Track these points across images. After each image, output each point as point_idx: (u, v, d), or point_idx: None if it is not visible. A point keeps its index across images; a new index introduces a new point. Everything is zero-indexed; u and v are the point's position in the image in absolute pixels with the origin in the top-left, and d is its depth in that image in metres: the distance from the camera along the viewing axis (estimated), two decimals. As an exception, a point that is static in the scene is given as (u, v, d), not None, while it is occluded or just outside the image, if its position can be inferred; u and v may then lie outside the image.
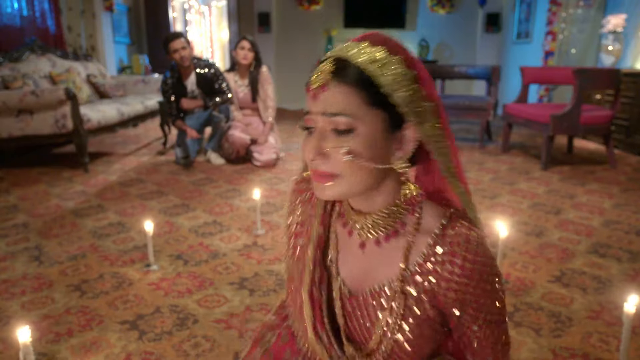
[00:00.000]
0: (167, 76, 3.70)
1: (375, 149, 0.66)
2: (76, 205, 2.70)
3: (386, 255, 0.73)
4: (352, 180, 0.67)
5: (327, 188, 0.68)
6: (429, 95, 0.68)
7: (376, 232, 0.73)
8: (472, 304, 0.70)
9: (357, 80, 0.65)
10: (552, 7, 5.22)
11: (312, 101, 0.68)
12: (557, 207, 2.65)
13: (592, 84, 3.37)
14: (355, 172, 0.66)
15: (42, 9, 4.51)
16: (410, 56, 0.68)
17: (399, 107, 0.65)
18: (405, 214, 0.73)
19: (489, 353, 0.73)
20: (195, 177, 3.30)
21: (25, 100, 3.22)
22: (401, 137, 0.69)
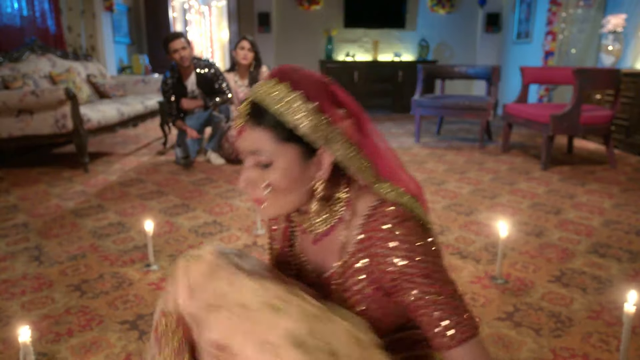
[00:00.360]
0: (167, 76, 3.70)
1: (293, 177, 0.78)
2: (76, 205, 2.70)
3: (331, 246, 0.85)
4: (278, 204, 0.80)
5: (262, 210, 0.82)
6: (333, 121, 0.77)
7: (319, 228, 0.85)
8: (405, 278, 0.76)
9: (267, 120, 0.76)
10: (552, 7, 5.22)
11: (239, 139, 0.80)
12: (557, 207, 2.65)
13: (592, 84, 3.37)
14: (278, 198, 0.79)
15: (42, 9, 4.51)
16: (313, 88, 0.77)
17: (306, 138, 0.75)
18: (341, 210, 0.84)
19: (436, 327, 0.75)
20: (195, 177, 3.30)
21: (25, 100, 3.22)
22: (318, 161, 0.79)
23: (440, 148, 4.40)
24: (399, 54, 7.03)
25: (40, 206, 2.69)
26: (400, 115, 6.76)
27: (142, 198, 2.83)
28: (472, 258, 1.98)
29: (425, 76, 4.68)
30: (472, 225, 2.37)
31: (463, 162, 3.79)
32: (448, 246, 2.10)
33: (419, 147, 4.45)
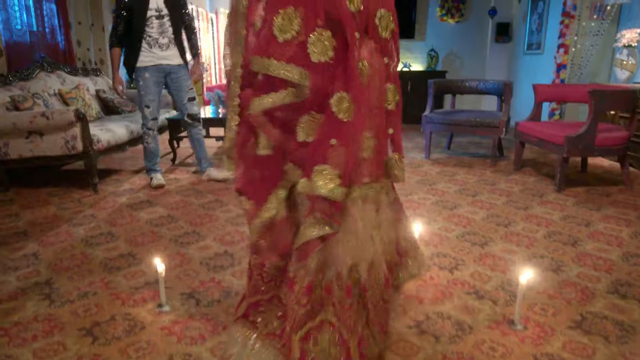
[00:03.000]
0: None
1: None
2: (86, 233, 2.68)
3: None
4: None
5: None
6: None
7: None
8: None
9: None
10: (565, 19, 5.15)
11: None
12: (573, 237, 2.60)
13: (608, 104, 3.31)
14: None
15: (51, 25, 4.51)
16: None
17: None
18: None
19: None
20: (204, 200, 3.28)
21: (36, 122, 3.21)
22: None
23: (451, 165, 4.35)
24: (407, 65, 6.98)
25: (50, 233, 2.67)
26: (409, 127, 6.71)
27: (152, 224, 2.81)
28: (488, 298, 1.94)
29: (435, 91, 4.63)
30: (487, 258, 2.33)
31: (475, 182, 3.74)
32: (464, 283, 2.06)
33: (429, 164, 4.40)
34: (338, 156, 1.19)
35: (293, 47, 1.17)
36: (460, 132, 4.43)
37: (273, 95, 1.20)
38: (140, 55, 3.32)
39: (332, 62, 1.19)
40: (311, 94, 1.19)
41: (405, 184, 3.71)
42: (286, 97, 1.20)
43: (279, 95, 1.20)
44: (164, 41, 3.37)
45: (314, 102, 1.19)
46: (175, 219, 2.90)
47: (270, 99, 1.21)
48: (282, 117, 1.23)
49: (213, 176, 3.72)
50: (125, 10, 3.23)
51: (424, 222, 2.83)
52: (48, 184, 3.71)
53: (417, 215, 2.94)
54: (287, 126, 1.23)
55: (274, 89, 1.21)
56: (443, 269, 2.20)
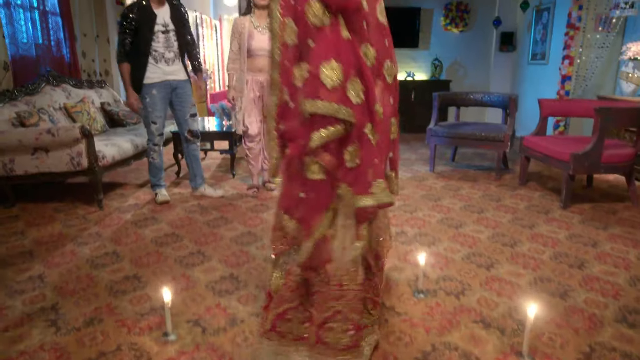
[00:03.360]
0: (130, 7, 3.21)
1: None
2: (91, 252, 2.68)
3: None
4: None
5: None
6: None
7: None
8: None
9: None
10: (570, 31, 5.14)
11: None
12: (580, 259, 2.59)
13: (614, 122, 3.29)
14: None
15: (57, 38, 4.52)
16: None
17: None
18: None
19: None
20: (209, 217, 3.28)
21: (42, 138, 3.23)
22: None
23: (456, 178, 4.34)
24: (411, 75, 6.98)
25: (56, 253, 2.67)
26: (413, 136, 6.70)
27: (157, 243, 2.80)
28: (496, 327, 1.93)
29: (440, 104, 4.62)
30: (493, 282, 2.32)
31: (480, 198, 3.73)
32: (470, 311, 2.05)
33: (434, 177, 4.39)
34: (379, 171, 1.59)
35: (339, 92, 1.46)
36: (464, 146, 4.42)
37: (330, 129, 1.47)
38: (147, 71, 3.33)
39: (363, 103, 1.51)
40: (354, 128, 1.50)
41: (410, 199, 3.70)
42: (339, 131, 1.49)
43: (334, 129, 1.48)
44: (170, 56, 3.37)
45: (355, 134, 1.51)
46: (180, 238, 2.89)
47: (328, 133, 1.48)
48: (334, 147, 1.51)
49: (207, 194, 3.73)
50: (132, 25, 3.22)
51: (429, 242, 2.82)
52: (53, 198, 3.72)
53: (422, 235, 2.93)
54: (337, 153, 1.52)
55: (330, 124, 1.48)
56: (449, 295, 2.19)
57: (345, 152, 1.51)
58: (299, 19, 1.50)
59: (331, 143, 1.50)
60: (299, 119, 1.52)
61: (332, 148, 1.51)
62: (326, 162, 1.52)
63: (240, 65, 3.54)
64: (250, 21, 3.50)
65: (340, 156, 1.52)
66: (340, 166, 1.53)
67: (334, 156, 1.52)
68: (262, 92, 3.59)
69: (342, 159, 1.52)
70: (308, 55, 1.50)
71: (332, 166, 1.52)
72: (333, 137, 1.49)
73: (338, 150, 1.52)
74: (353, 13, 1.52)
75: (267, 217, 3.28)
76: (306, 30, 1.49)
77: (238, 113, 3.60)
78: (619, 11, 4.57)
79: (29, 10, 4.18)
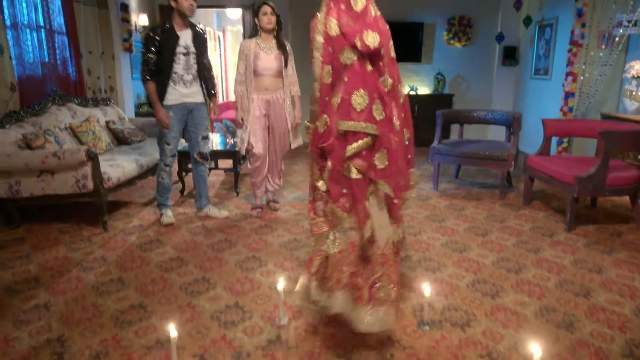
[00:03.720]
0: (154, 28, 3.30)
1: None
2: (96, 278, 2.69)
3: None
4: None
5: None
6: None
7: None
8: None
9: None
10: (573, 47, 5.15)
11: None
12: (585, 287, 2.58)
13: (618, 145, 3.29)
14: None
15: (63, 57, 4.56)
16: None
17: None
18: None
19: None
20: (213, 239, 3.29)
21: (48, 161, 3.25)
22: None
23: (460, 197, 4.34)
24: (414, 89, 7.00)
25: (62, 279, 2.68)
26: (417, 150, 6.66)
27: (162, 269, 2.81)
28: (502, 362, 1.92)
29: (443, 122, 4.63)
30: (499, 312, 2.31)
31: (484, 219, 3.73)
32: (476, 344, 2.05)
33: (438, 196, 4.39)
34: (404, 169, 2.16)
35: (365, 113, 1.94)
36: (468, 164, 4.42)
37: (359, 143, 1.95)
38: (167, 92, 3.36)
39: (385, 119, 1.97)
40: (379, 138, 1.95)
41: (414, 219, 3.70)
42: (367, 143, 1.95)
43: (362, 142, 1.95)
44: (189, 78, 3.42)
45: (381, 143, 1.96)
46: (185, 262, 2.90)
47: (357, 145, 1.95)
48: (364, 155, 1.97)
49: (212, 214, 3.74)
50: (156, 45, 3.25)
51: (434, 267, 2.82)
52: (58, 218, 3.73)
53: (427, 259, 2.93)
54: (367, 159, 1.97)
55: (359, 139, 1.95)
56: (455, 326, 2.19)
57: (375, 158, 1.97)
58: (335, 62, 2.00)
59: (363, 151, 1.97)
60: (335, 137, 2.00)
61: (363, 155, 1.98)
62: (359, 165, 1.99)
63: (246, 85, 3.57)
64: (257, 43, 3.56)
65: (370, 160, 1.98)
66: (373, 168, 1.97)
67: (365, 161, 1.98)
68: (267, 110, 3.62)
69: (372, 162, 1.98)
70: (342, 86, 1.98)
71: (364, 168, 1.99)
72: (363, 147, 1.96)
73: (368, 156, 1.99)
74: (375, 55, 1.98)
75: (272, 239, 3.28)
76: (340, 69, 1.99)
77: (244, 132, 3.62)
78: (622, 29, 4.58)
79: (36, 30, 4.22)
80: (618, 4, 4.73)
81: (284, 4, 6.63)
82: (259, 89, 3.58)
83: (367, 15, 2.02)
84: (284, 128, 3.71)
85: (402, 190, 2.16)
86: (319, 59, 2.04)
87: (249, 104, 3.56)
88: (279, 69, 3.61)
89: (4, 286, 2.61)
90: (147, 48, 3.26)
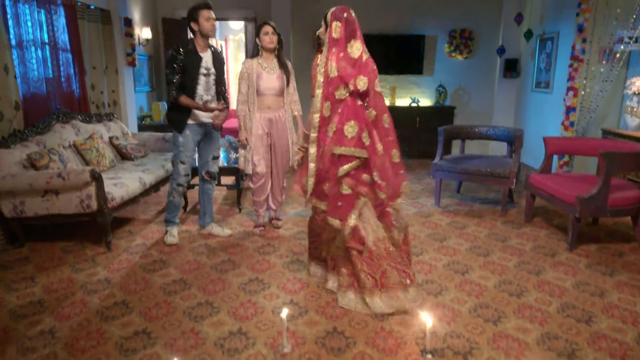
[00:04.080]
0: (179, 49, 3.29)
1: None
2: (101, 302, 2.70)
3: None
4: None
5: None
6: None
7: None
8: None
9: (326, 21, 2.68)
10: (574, 63, 5.17)
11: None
12: (587, 312, 2.59)
13: (620, 166, 3.31)
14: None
15: (67, 74, 4.59)
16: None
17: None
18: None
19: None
20: (216, 260, 3.30)
21: (52, 182, 3.27)
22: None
23: (461, 214, 4.35)
24: (416, 101, 7.02)
25: (66, 303, 2.70)
26: (418, 162, 6.73)
27: (166, 292, 2.83)
28: (504, 394, 1.93)
29: (445, 138, 4.65)
30: (501, 340, 2.32)
31: (485, 237, 3.75)
32: (479, 374, 2.06)
33: (439, 213, 4.40)
34: (397, 184, 2.65)
35: (355, 140, 2.49)
36: (469, 181, 4.44)
37: (351, 164, 2.52)
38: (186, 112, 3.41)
39: (371, 144, 2.49)
40: (368, 160, 2.51)
41: (417, 238, 3.72)
42: (357, 164, 2.53)
43: (353, 164, 2.52)
44: (208, 98, 3.47)
45: (368, 165, 2.52)
46: (188, 285, 2.92)
47: (349, 166, 2.52)
48: (353, 174, 2.54)
49: (215, 232, 3.76)
50: (180, 66, 3.28)
51: (435, 290, 2.83)
52: (62, 237, 3.75)
53: (429, 282, 2.94)
54: (355, 178, 2.54)
55: (350, 161, 2.52)
56: (457, 354, 2.20)
57: (374, 175, 2.53)
58: (330, 97, 2.53)
59: (351, 172, 2.52)
60: (330, 159, 2.53)
61: (352, 174, 2.53)
62: (349, 183, 2.53)
63: (249, 105, 3.60)
64: (259, 63, 3.58)
65: (359, 178, 2.54)
66: (363, 183, 2.55)
67: (354, 179, 2.53)
68: (270, 129, 3.64)
69: (362, 179, 2.55)
70: (336, 117, 2.52)
71: (352, 186, 2.53)
72: (352, 168, 2.52)
73: (357, 175, 2.53)
74: (363, 94, 2.50)
75: (274, 260, 3.30)
76: (335, 103, 2.53)
77: (248, 152, 3.64)
78: (622, 46, 4.60)
79: (41, 47, 4.26)
80: (619, 21, 4.76)
81: (285, 21, 6.68)
82: (262, 108, 3.61)
83: (361, 60, 2.50)
84: (286, 146, 3.73)
85: (392, 199, 2.63)
86: (319, 95, 2.53)
87: (251, 123, 3.59)
88: (281, 88, 3.64)
89: (9, 310, 2.63)
90: (171, 69, 3.29)
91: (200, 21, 3.31)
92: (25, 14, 4.03)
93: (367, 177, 2.54)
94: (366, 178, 2.54)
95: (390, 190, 2.58)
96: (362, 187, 2.53)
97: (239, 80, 3.60)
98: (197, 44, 3.38)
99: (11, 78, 3.74)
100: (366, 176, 2.55)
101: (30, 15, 4.09)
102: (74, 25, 4.64)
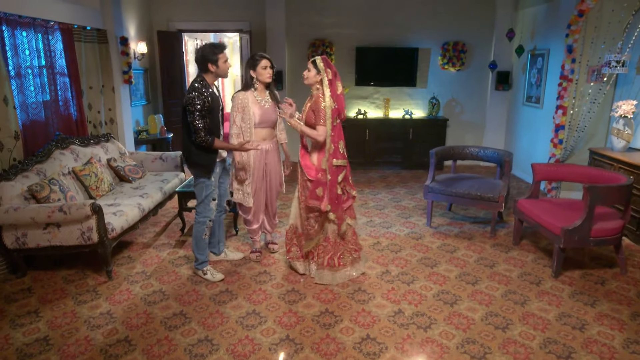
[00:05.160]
0: (203, 93, 3.23)
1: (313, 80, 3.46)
2: (104, 339, 2.81)
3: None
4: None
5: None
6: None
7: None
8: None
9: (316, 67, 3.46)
10: (563, 82, 5.28)
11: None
12: (568, 347, 2.73)
13: (603, 199, 3.44)
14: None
15: (65, 97, 4.65)
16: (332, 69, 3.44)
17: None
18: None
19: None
20: (214, 290, 3.42)
21: (54, 216, 3.36)
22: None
23: (452, 236, 4.48)
24: (409, 113, 7.12)
25: (71, 340, 2.80)
26: (411, 174, 6.85)
27: (167, 327, 2.94)
28: None
29: (437, 160, 4.77)
30: (486, 380, 2.46)
31: (475, 262, 3.88)
32: (463, 418, 2.19)
33: (430, 234, 4.53)
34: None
35: (344, 154, 3.44)
36: (460, 204, 4.57)
37: (343, 173, 3.45)
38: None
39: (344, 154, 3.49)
40: (347, 166, 3.52)
41: (408, 264, 3.85)
42: (344, 171, 3.46)
43: (344, 171, 3.46)
44: (222, 132, 3.56)
45: (347, 169, 3.51)
46: (188, 319, 3.03)
47: (343, 173, 3.45)
48: (345, 178, 3.51)
49: (230, 258, 3.88)
50: (207, 109, 3.25)
51: (425, 324, 2.96)
52: (63, 265, 3.85)
53: (419, 315, 3.07)
54: (346, 180, 3.52)
55: (342, 170, 3.44)
56: (444, 396, 2.33)
57: (349, 177, 3.57)
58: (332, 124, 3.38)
59: (345, 178, 3.49)
60: (322, 171, 3.39)
61: (345, 178, 3.50)
62: (342, 186, 3.48)
63: (243, 137, 3.64)
64: (254, 96, 3.63)
65: (347, 180, 3.53)
66: (348, 183, 3.55)
67: (346, 182, 3.53)
68: (265, 159, 3.73)
69: (349, 182, 3.56)
70: (332, 138, 3.35)
71: (343, 189, 3.50)
72: (344, 174, 3.45)
73: (346, 178, 3.51)
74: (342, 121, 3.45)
75: (271, 290, 3.42)
76: (333, 128, 3.36)
77: (247, 187, 3.73)
78: (610, 69, 4.72)
79: (38, 73, 4.31)
80: (607, 44, 4.87)
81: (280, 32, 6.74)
82: (257, 140, 3.68)
83: (342, 95, 3.41)
84: (279, 172, 3.85)
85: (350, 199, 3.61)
86: (330, 124, 3.33)
87: (247, 156, 3.66)
88: (275, 120, 3.73)
89: (16, 349, 2.73)
90: (201, 112, 3.20)
91: (220, 64, 3.31)
92: (24, 42, 4.08)
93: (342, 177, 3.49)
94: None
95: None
96: (348, 187, 3.55)
97: (233, 112, 3.60)
98: (210, 83, 3.35)
99: (10, 109, 3.81)
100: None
101: (28, 43, 4.14)
102: (71, 49, 4.69)
